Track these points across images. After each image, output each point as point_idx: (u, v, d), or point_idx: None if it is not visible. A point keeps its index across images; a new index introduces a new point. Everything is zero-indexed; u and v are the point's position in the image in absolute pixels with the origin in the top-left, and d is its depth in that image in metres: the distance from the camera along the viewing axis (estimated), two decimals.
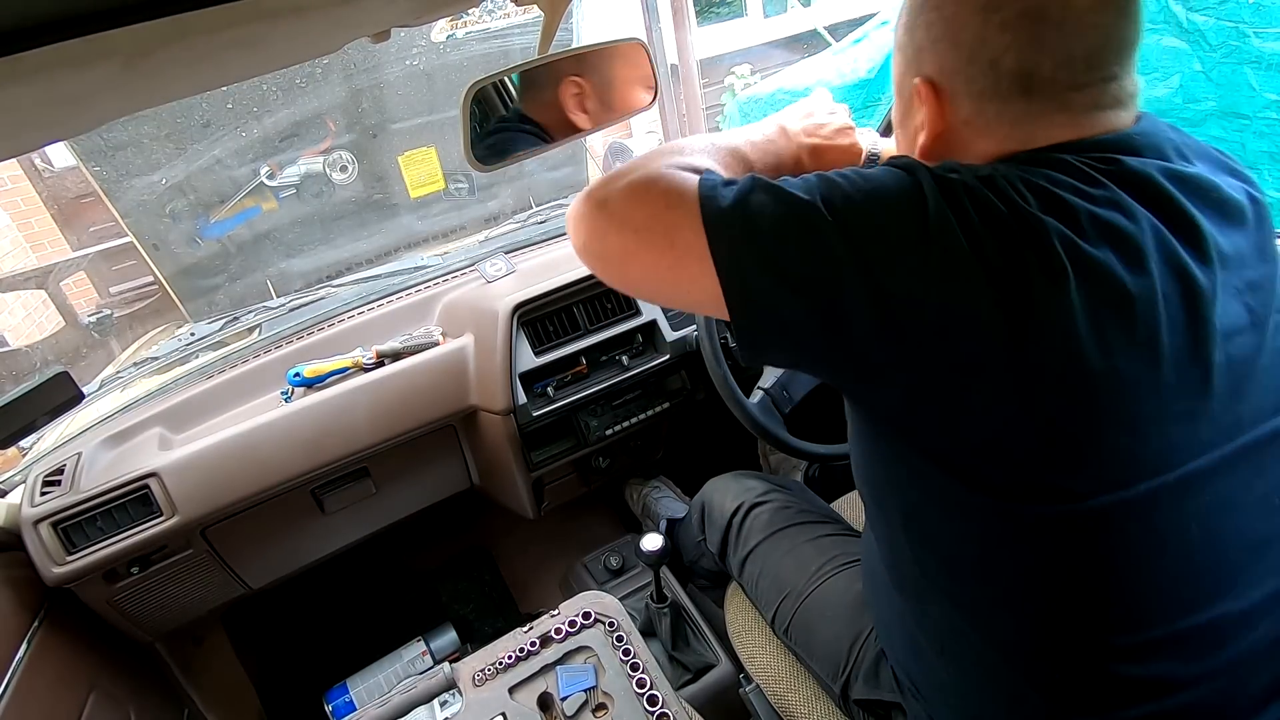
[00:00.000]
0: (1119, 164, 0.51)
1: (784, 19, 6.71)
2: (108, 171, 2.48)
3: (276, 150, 2.69)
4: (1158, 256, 0.49)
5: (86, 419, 1.24)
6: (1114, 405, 0.48)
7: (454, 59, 2.80)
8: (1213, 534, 0.51)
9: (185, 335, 1.48)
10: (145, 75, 0.46)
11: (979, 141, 0.56)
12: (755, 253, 0.50)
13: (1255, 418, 0.52)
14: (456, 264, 1.46)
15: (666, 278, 0.55)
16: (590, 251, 0.59)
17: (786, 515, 0.99)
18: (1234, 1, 1.92)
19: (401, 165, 2.84)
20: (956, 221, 0.47)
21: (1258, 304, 0.52)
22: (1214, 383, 0.50)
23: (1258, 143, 1.99)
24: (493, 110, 0.97)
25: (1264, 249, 0.55)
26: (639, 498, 1.59)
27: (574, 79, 0.88)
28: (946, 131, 0.57)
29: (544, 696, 0.82)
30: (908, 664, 0.70)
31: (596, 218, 0.57)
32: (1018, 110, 0.53)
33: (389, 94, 2.77)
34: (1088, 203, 0.49)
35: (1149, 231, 0.49)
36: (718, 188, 0.53)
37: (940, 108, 0.57)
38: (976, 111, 0.55)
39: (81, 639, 1.07)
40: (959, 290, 0.47)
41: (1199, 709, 0.52)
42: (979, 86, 0.54)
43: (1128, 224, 0.49)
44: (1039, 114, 0.53)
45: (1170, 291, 0.49)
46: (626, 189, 0.56)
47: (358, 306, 1.39)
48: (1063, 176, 0.50)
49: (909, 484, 0.57)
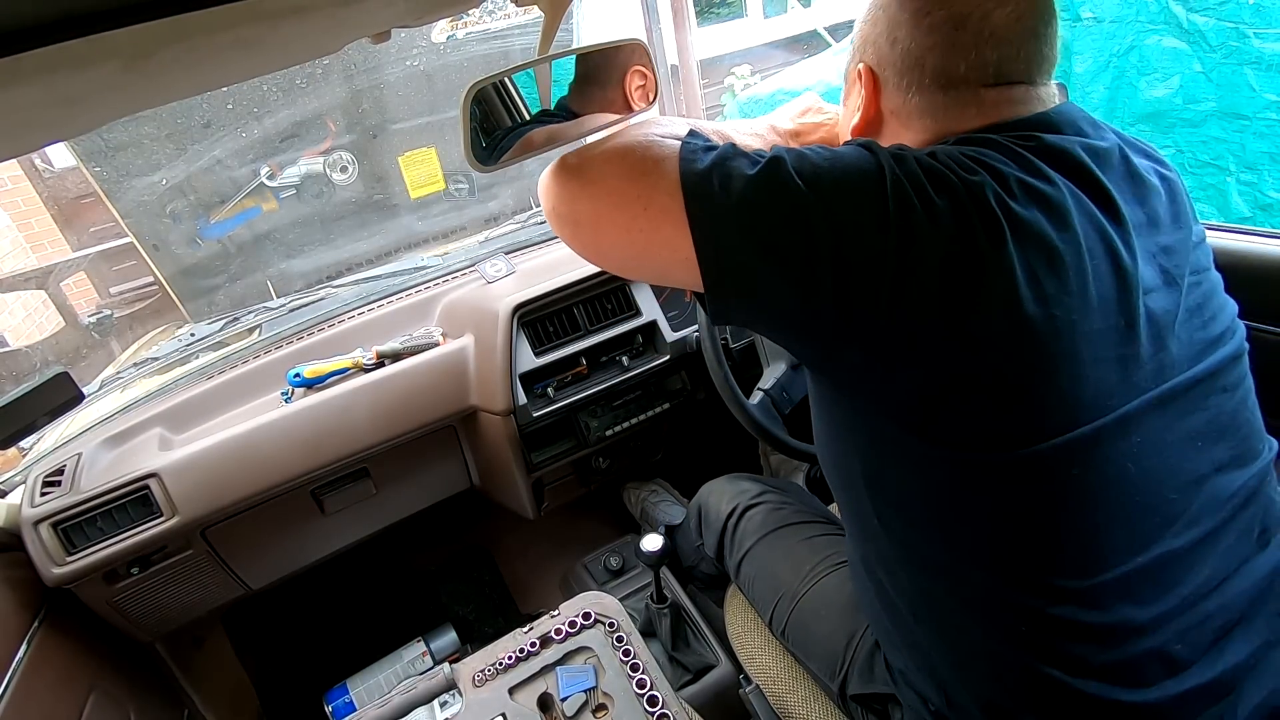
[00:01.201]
0: (1038, 139, 0.56)
1: (784, 19, 6.71)
2: (108, 172, 2.48)
3: (277, 150, 2.69)
4: (1079, 217, 0.54)
5: (86, 419, 1.24)
6: (1054, 352, 0.51)
7: (454, 59, 2.81)
8: (1148, 473, 0.55)
9: (185, 336, 1.48)
10: (146, 76, 0.46)
11: (903, 131, 0.63)
12: (730, 215, 0.53)
13: (1175, 366, 0.56)
14: (457, 264, 1.46)
15: (638, 240, 0.56)
16: (560, 216, 0.61)
17: (780, 516, 0.99)
18: (1234, 2, 1.93)
19: (401, 166, 2.83)
20: (911, 189, 0.51)
21: (1171, 265, 0.58)
22: (1139, 330, 0.54)
23: (1258, 143, 1.99)
24: (493, 111, 0.97)
25: (1177, 217, 0.60)
26: (637, 501, 1.59)
27: (639, 69, 0.88)
28: (876, 117, 0.65)
29: (544, 697, 0.82)
30: (890, 640, 0.71)
31: (569, 182, 0.59)
32: (936, 102, 0.60)
33: (389, 94, 2.77)
34: (1015, 170, 0.54)
35: (1069, 196, 0.54)
36: (698, 151, 0.55)
37: (874, 93, 0.64)
38: (902, 102, 0.62)
39: (81, 639, 1.07)
40: (915, 252, 0.50)
41: (1163, 656, 0.55)
42: (906, 79, 0.60)
43: (1049, 189, 0.53)
44: (954, 105, 0.59)
45: (1094, 247, 0.53)
46: (604, 153, 0.58)
47: (358, 307, 1.39)
48: (991, 151, 0.55)
49: (869, 447, 0.60)
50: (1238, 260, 0.89)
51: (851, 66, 0.67)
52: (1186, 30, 2.02)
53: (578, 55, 0.86)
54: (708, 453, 1.63)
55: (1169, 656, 0.55)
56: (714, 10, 6.81)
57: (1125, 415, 0.53)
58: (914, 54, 0.59)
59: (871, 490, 0.62)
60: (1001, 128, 0.58)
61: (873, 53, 0.63)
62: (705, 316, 1.05)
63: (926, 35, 0.58)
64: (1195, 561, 0.56)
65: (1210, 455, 0.58)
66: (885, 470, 0.60)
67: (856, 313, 0.51)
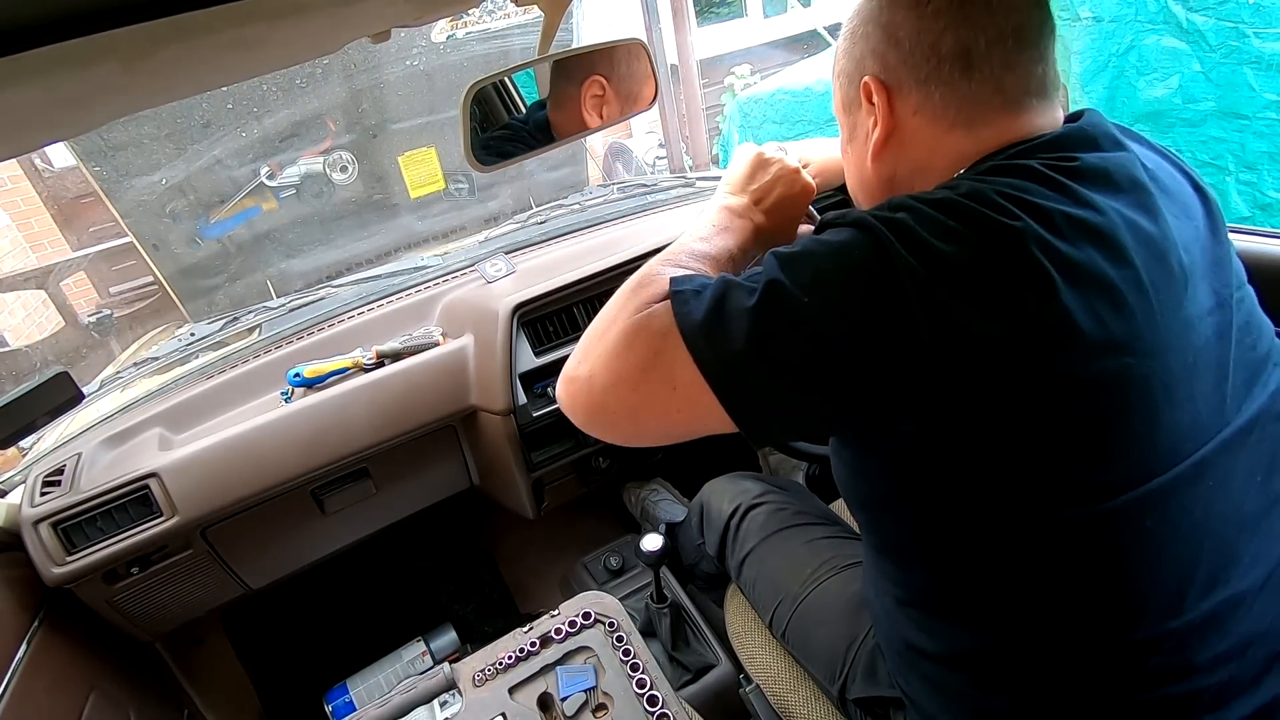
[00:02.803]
0: (1077, 161, 0.53)
1: (784, 19, 6.72)
2: (108, 171, 2.48)
3: (276, 150, 2.69)
4: (1135, 246, 0.50)
5: (86, 419, 1.24)
6: (1130, 403, 0.48)
7: (454, 59, 2.80)
8: (1214, 517, 0.52)
9: (185, 335, 1.48)
10: (145, 76, 0.46)
11: (928, 131, 0.59)
12: (745, 361, 0.50)
13: (1235, 395, 0.53)
14: (456, 264, 1.45)
15: (680, 418, 0.54)
16: (596, 424, 0.59)
17: (782, 517, 0.99)
18: (1234, 2, 1.93)
19: (401, 165, 2.84)
20: (924, 261, 0.48)
21: (1220, 285, 0.55)
22: (1205, 364, 0.51)
23: (1257, 143, 1.99)
24: (493, 110, 0.97)
25: (1216, 230, 0.57)
26: (637, 500, 1.59)
27: (598, 78, 0.87)
28: (898, 127, 0.60)
29: (544, 697, 0.82)
30: (908, 672, 0.69)
31: (588, 393, 0.58)
32: (961, 92, 0.56)
33: (389, 94, 2.77)
34: (1058, 203, 0.50)
35: (1120, 223, 0.50)
36: (689, 303, 0.53)
37: (890, 101, 0.60)
38: (924, 98, 0.58)
39: (81, 639, 1.07)
40: (950, 326, 0.47)
41: (1210, 692, 0.53)
42: (923, 72, 0.57)
43: (1099, 219, 0.50)
44: (979, 97, 0.56)
45: (1156, 278, 0.50)
46: (607, 353, 0.56)
47: (358, 307, 1.39)
48: (1028, 183, 0.51)
49: (919, 507, 0.56)
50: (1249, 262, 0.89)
51: (847, 95, 0.64)
52: (1186, 30, 2.02)
53: (577, 55, 0.86)
54: (707, 453, 1.63)
55: (1219, 692, 0.53)
56: (714, 10, 6.82)
57: (1200, 460, 0.51)
58: (925, 43, 0.56)
59: (919, 545, 0.59)
60: (1037, 148, 0.54)
61: (875, 64, 0.60)
62: None
63: (933, 21, 0.55)
64: (1258, 601, 0.54)
65: (1269, 489, 0.55)
66: (936, 527, 0.56)
67: (903, 405, 0.49)
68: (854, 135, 0.66)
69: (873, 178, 0.65)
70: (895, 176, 0.63)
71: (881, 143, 0.61)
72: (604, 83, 0.87)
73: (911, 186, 0.60)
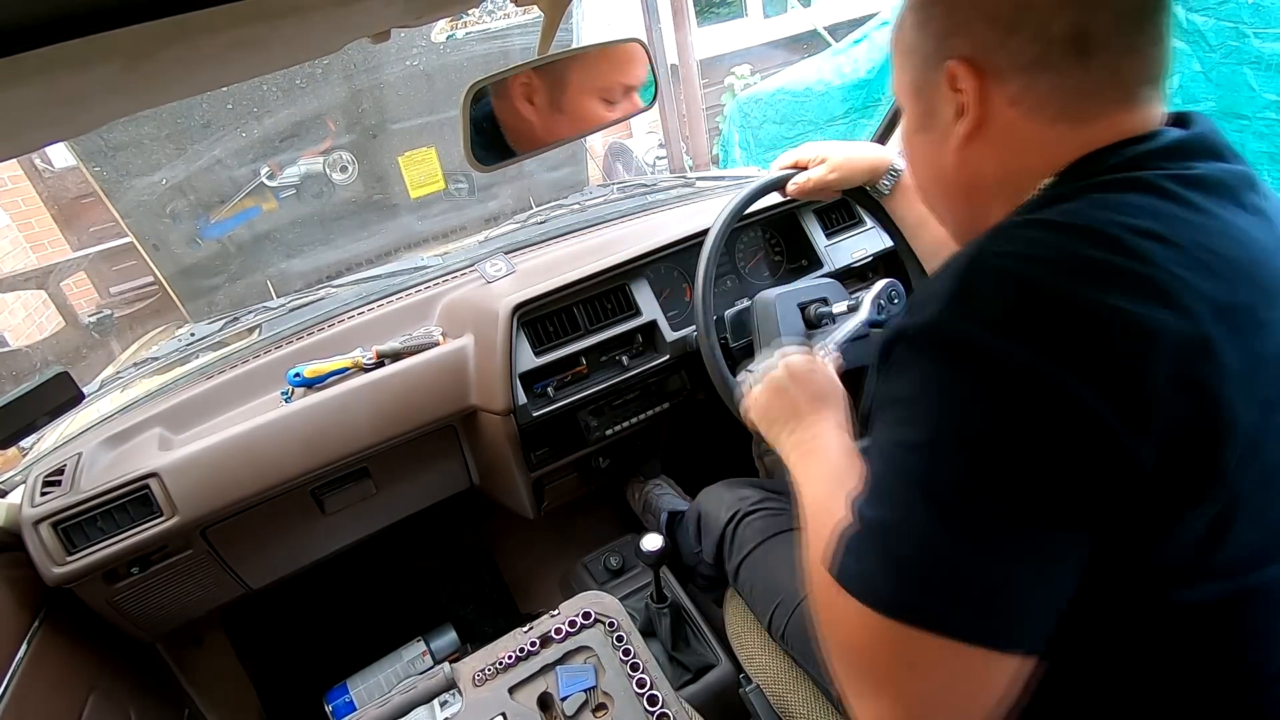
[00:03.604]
0: (1196, 172, 0.47)
1: (784, 19, 6.72)
2: (108, 172, 2.48)
3: (276, 150, 2.69)
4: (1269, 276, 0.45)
5: (86, 419, 1.24)
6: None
7: (454, 59, 2.81)
8: None
9: (185, 335, 1.48)
10: (146, 76, 0.46)
11: (1027, 125, 0.51)
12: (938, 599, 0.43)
13: None
14: (456, 264, 1.45)
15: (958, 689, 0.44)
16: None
17: (779, 522, 0.99)
18: (1234, 2, 1.92)
19: (401, 165, 2.84)
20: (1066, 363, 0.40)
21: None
22: None
23: (1257, 143, 1.99)
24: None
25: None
26: (640, 495, 1.59)
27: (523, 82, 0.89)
28: (989, 118, 0.52)
29: (544, 696, 0.82)
30: None
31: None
32: (1073, 82, 0.48)
33: (389, 94, 2.77)
34: (1190, 233, 0.44)
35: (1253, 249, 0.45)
36: (866, 584, 0.45)
37: (981, 88, 0.51)
38: (1026, 86, 0.49)
39: (81, 639, 1.07)
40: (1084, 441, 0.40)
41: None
42: (1028, 57, 0.48)
43: (1238, 252, 0.45)
44: (1093, 88, 0.48)
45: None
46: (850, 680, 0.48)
47: (358, 307, 1.39)
48: (1147, 199, 0.45)
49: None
50: None
51: (920, 77, 0.55)
52: (1186, 30, 2.02)
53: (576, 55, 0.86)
54: (708, 453, 1.63)
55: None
56: (714, 10, 6.82)
57: None
58: (1033, 22, 0.47)
59: None
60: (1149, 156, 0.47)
61: (965, 44, 0.51)
62: (702, 315, 1.06)
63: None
64: None
65: None
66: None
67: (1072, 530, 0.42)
68: (927, 124, 0.57)
69: (954, 177, 0.57)
70: (981, 178, 0.55)
71: (968, 136, 0.53)
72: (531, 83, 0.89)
73: (1000, 195, 0.54)
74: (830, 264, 1.37)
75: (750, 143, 4.19)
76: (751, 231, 1.42)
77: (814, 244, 1.38)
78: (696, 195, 1.66)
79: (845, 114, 3.55)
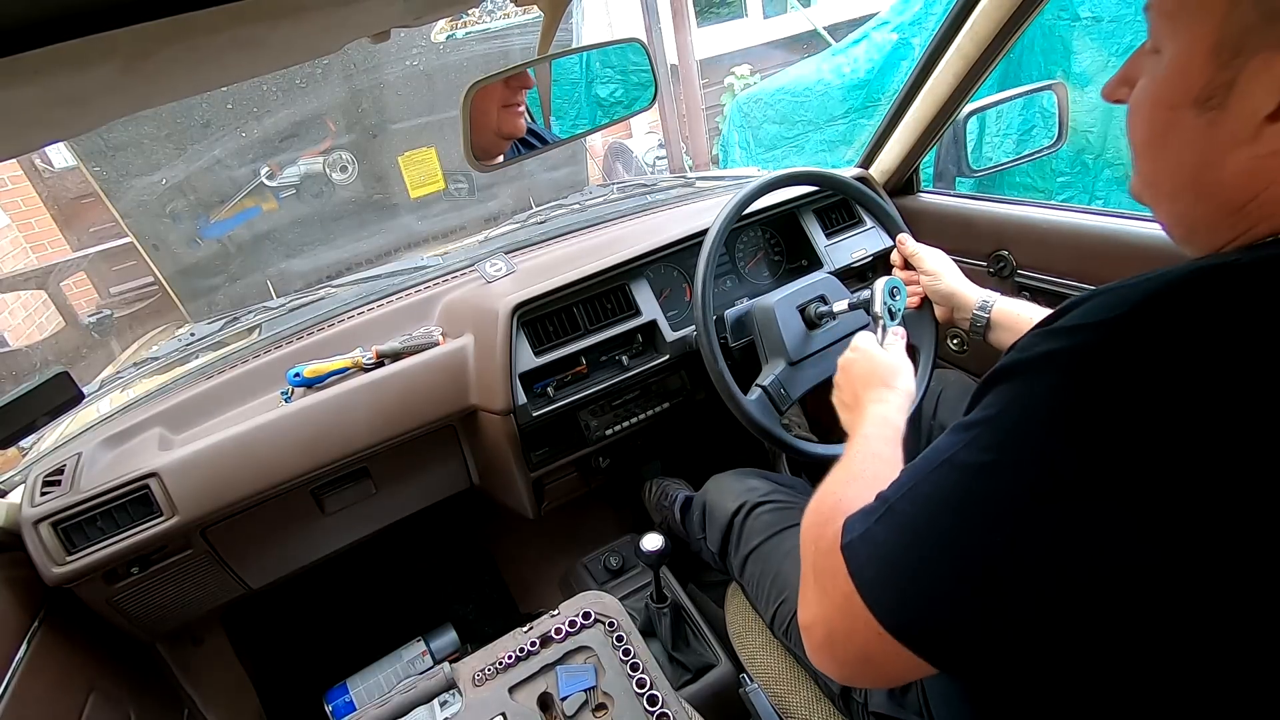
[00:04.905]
0: None
1: (784, 19, 6.72)
2: (108, 172, 2.48)
3: (276, 150, 2.70)
4: None
5: (86, 419, 1.24)
6: None
7: (454, 59, 2.81)
8: None
9: (185, 335, 1.48)
10: (145, 75, 0.46)
11: None
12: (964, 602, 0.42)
13: None
14: (456, 264, 1.45)
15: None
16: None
17: (787, 516, 0.98)
18: None
19: (401, 165, 2.84)
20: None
21: None
22: None
23: None
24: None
25: None
26: (657, 489, 1.58)
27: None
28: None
29: (544, 696, 0.82)
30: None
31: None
32: None
33: (389, 94, 2.77)
34: None
35: None
36: (878, 591, 0.46)
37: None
38: None
39: (81, 639, 1.07)
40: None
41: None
42: None
43: None
44: None
45: None
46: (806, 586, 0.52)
47: (358, 307, 1.39)
48: None
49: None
50: None
51: (1237, 41, 0.39)
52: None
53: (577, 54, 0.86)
54: (709, 452, 1.63)
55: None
56: (714, 10, 6.82)
57: None
58: None
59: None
60: None
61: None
62: (702, 315, 1.06)
63: None
64: None
65: None
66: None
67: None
68: (1214, 102, 0.42)
69: (1222, 178, 0.43)
70: (1263, 190, 0.42)
71: (1257, 168, 0.40)
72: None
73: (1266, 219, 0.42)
74: (830, 264, 1.37)
75: (750, 143, 4.19)
76: (751, 231, 1.42)
77: (814, 244, 1.38)
78: (696, 195, 1.66)
79: (845, 114, 3.55)
